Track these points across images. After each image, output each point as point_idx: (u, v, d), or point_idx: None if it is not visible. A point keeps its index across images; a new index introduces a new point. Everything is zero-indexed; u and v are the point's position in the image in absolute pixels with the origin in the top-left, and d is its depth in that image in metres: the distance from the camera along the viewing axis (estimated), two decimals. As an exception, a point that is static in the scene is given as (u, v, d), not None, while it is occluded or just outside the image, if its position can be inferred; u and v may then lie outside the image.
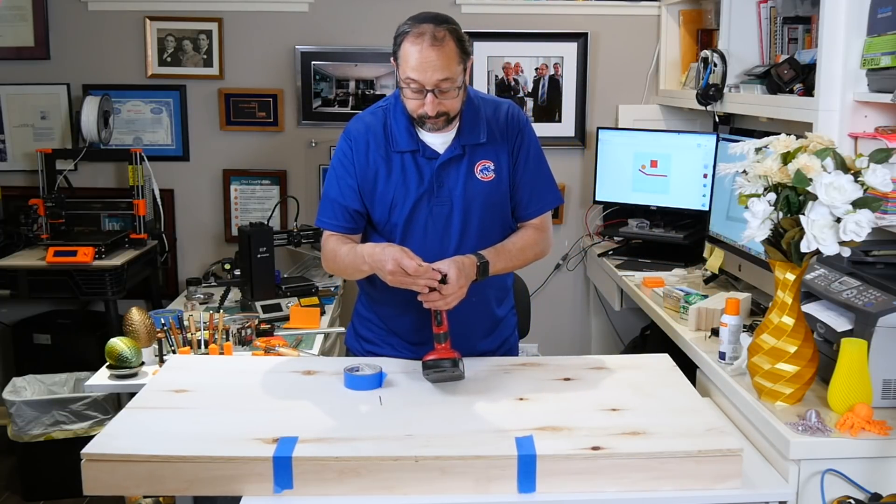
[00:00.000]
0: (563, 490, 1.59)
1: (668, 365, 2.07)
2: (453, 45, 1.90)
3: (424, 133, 2.02)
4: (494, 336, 2.22)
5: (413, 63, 1.88)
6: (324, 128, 3.77)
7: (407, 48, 1.89)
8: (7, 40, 3.69)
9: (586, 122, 3.81)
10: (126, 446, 1.61)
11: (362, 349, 2.24)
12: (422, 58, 1.87)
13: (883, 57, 2.06)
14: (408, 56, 1.89)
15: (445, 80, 1.89)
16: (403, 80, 1.92)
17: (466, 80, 1.98)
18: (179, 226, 3.87)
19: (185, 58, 3.74)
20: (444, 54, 1.88)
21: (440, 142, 2.03)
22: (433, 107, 1.91)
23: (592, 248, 3.75)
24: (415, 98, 1.93)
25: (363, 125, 2.07)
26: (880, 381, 1.81)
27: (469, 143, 2.04)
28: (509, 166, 2.08)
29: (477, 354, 2.13)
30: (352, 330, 2.30)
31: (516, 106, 2.13)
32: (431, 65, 1.87)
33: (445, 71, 1.88)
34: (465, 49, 1.94)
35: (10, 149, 3.78)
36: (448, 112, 1.95)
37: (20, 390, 3.23)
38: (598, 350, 3.93)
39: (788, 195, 1.74)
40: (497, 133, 2.06)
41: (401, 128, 2.02)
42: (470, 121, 2.04)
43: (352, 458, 1.57)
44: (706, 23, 3.58)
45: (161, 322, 2.56)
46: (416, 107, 1.94)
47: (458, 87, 1.93)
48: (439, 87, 1.90)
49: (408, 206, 2.03)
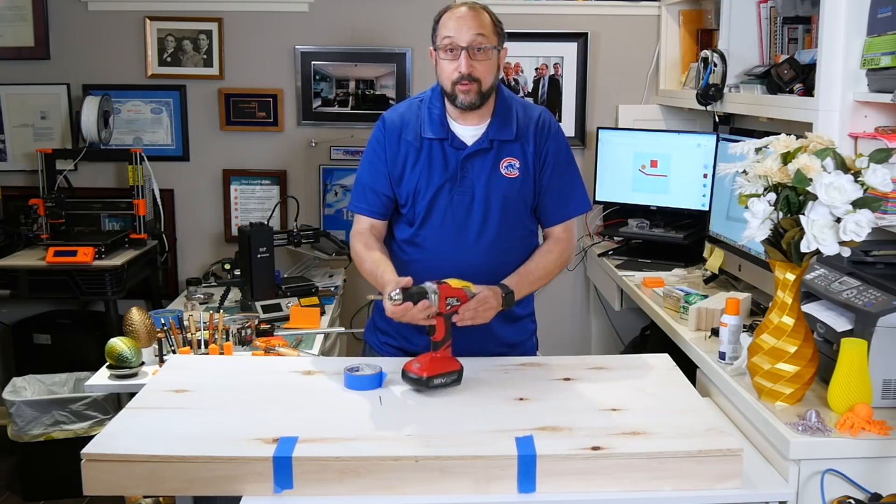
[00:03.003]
0: (563, 490, 1.59)
1: (668, 365, 2.07)
2: (489, 17, 2.05)
3: (455, 124, 2.07)
4: (514, 329, 2.23)
5: (451, 25, 2.01)
6: (324, 128, 3.77)
7: (445, 17, 2.05)
8: (7, 40, 3.69)
9: (586, 122, 3.81)
10: (126, 446, 1.61)
11: (378, 342, 2.26)
12: (457, 17, 2.01)
13: (883, 57, 2.06)
14: (446, 21, 2.02)
15: (480, 35, 1.98)
16: (440, 43, 2.01)
17: (501, 62, 2.06)
18: (179, 226, 3.87)
19: (185, 58, 3.74)
20: (479, 17, 2.02)
21: (470, 134, 2.08)
22: (467, 65, 1.98)
23: (592, 248, 3.75)
24: (449, 60, 2.00)
25: (398, 114, 2.14)
26: (880, 381, 1.81)
27: (498, 138, 2.08)
28: (535, 168, 2.11)
29: (496, 345, 2.16)
30: (371, 324, 2.32)
31: (549, 112, 2.18)
32: (467, 23, 2.00)
33: (480, 28, 1.99)
34: (500, 28, 2.05)
35: (10, 149, 3.78)
36: (480, 80, 2.00)
37: (20, 390, 3.23)
38: (598, 350, 3.92)
39: (788, 195, 1.74)
40: (527, 134, 2.10)
41: (433, 116, 2.08)
42: (501, 117, 2.09)
43: (352, 458, 1.57)
44: (706, 23, 3.57)
45: (161, 322, 2.56)
46: (451, 70, 2.01)
47: (492, 49, 2.01)
48: (473, 45, 1.97)
49: (430, 192, 2.07)
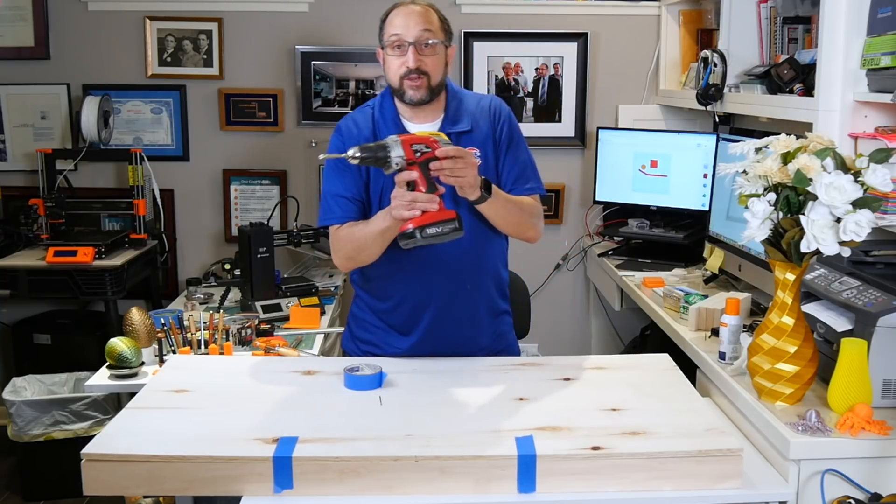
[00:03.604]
0: (563, 490, 1.59)
1: (668, 365, 2.07)
2: (436, 14, 2.04)
3: (409, 124, 2.09)
4: (494, 325, 2.21)
5: (397, 22, 2.01)
6: (324, 128, 3.76)
7: (391, 15, 2.03)
8: (7, 40, 3.69)
9: (586, 122, 3.81)
10: (126, 446, 1.61)
11: (359, 350, 2.24)
12: (404, 14, 2.00)
13: (883, 57, 2.06)
14: (392, 19, 2.02)
15: (426, 31, 1.99)
16: (387, 41, 2.01)
17: (449, 60, 2.07)
18: (179, 226, 3.87)
19: (185, 58, 3.74)
20: (426, 13, 2.01)
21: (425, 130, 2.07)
22: (414, 59, 1.98)
23: (592, 248, 3.75)
24: (397, 56, 2.01)
25: (352, 121, 2.15)
26: (880, 381, 1.81)
27: (453, 131, 2.08)
28: (494, 155, 2.12)
29: (476, 348, 2.15)
30: (348, 333, 2.31)
31: (500, 99, 2.19)
32: (414, 19, 1.99)
33: (427, 24, 2.00)
34: (447, 26, 2.06)
35: (10, 149, 3.78)
36: (429, 73, 2.01)
37: (20, 390, 3.23)
38: (598, 350, 3.93)
39: (788, 195, 1.74)
40: (481, 122, 2.11)
41: (387, 118, 2.09)
42: (454, 110, 2.11)
43: (352, 458, 1.57)
44: (706, 23, 3.57)
45: (161, 322, 2.56)
46: (399, 65, 2.01)
47: (440, 43, 2.01)
48: (420, 41, 1.98)
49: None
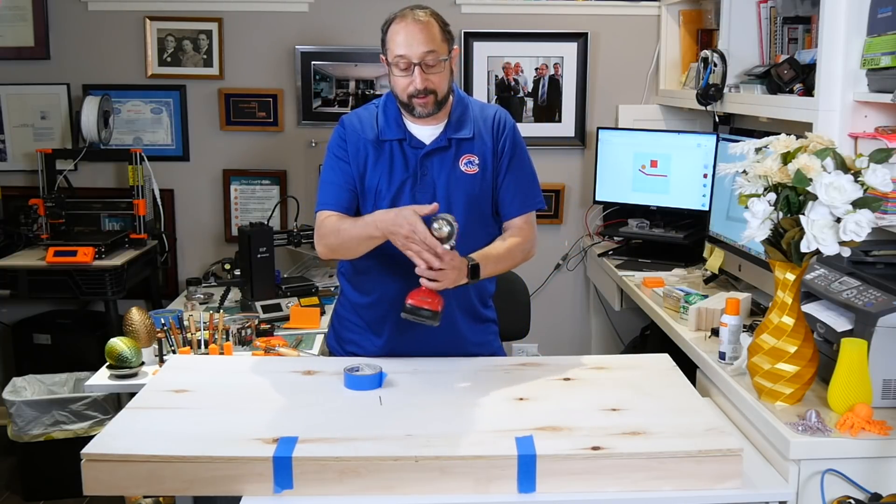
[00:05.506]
0: (563, 490, 1.59)
1: (668, 365, 2.07)
2: (436, 25, 2.03)
3: (412, 125, 2.09)
4: (476, 333, 2.21)
5: (399, 40, 1.99)
6: (324, 128, 3.76)
7: (393, 30, 2.02)
8: (7, 40, 3.69)
9: (586, 122, 3.81)
10: (126, 446, 1.61)
11: (343, 350, 2.24)
12: (407, 33, 1.98)
13: (883, 57, 2.06)
14: (394, 36, 2.00)
15: (431, 52, 1.98)
16: (392, 61, 2.01)
17: (453, 65, 2.07)
18: (179, 226, 3.87)
19: (185, 58, 3.74)
20: (427, 29, 2.00)
21: (427, 133, 2.09)
22: (421, 80, 1.99)
23: (592, 248, 3.75)
24: (403, 76, 2.01)
25: (356, 116, 2.16)
26: (880, 381, 1.81)
27: (455, 136, 2.09)
28: (494, 165, 2.12)
29: (455, 354, 2.14)
30: (332, 332, 2.31)
31: (505, 111, 2.19)
32: (416, 38, 1.98)
33: (431, 44, 1.98)
34: (448, 32, 2.05)
35: (10, 149, 3.78)
36: (436, 91, 2.02)
37: (20, 390, 3.23)
38: (598, 350, 3.93)
39: (788, 195, 1.74)
40: (484, 132, 2.12)
41: (390, 119, 2.10)
42: (458, 116, 2.11)
43: (352, 458, 1.57)
44: (706, 23, 3.57)
45: (161, 322, 2.56)
46: (405, 85, 2.01)
47: (443, 60, 2.01)
48: (426, 61, 1.98)
49: (392, 190, 2.07)
